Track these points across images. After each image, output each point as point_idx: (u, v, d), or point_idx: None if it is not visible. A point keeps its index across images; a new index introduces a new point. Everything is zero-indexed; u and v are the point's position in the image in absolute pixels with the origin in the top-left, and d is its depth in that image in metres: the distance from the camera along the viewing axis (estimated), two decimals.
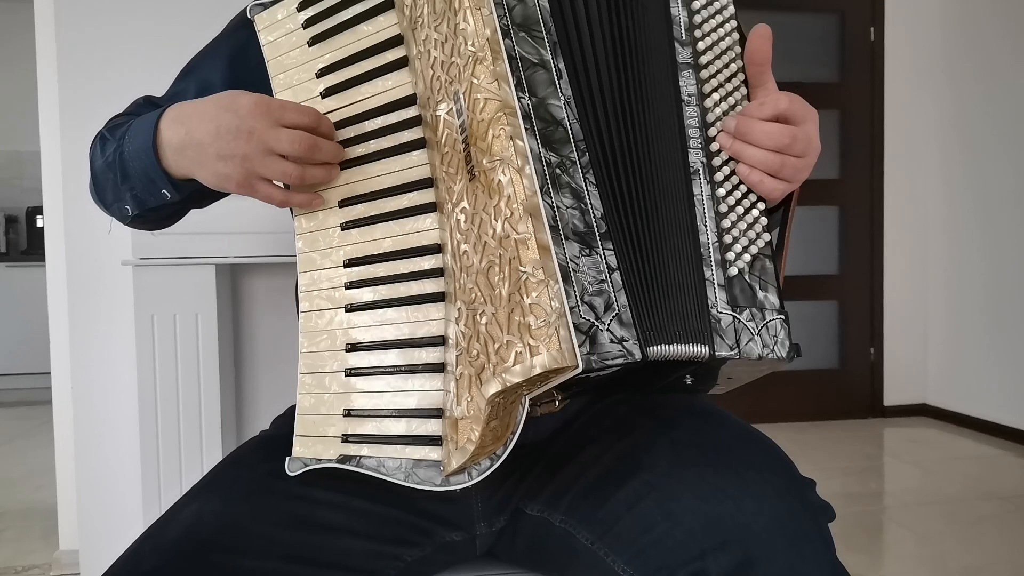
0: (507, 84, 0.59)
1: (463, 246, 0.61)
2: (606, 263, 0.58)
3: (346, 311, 0.67)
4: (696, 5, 0.69)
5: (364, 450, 0.64)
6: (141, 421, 1.54)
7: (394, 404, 0.64)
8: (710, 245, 0.65)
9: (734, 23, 0.69)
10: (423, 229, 0.65)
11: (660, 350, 0.59)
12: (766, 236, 0.67)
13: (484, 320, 0.57)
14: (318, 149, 0.65)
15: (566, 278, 0.55)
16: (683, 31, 0.68)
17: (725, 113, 0.68)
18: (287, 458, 0.67)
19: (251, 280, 1.72)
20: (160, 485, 1.55)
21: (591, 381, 0.62)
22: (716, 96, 0.67)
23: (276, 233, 1.50)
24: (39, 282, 2.23)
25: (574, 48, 0.63)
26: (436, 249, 0.64)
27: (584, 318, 0.55)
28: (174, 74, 0.90)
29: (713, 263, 0.64)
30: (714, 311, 0.63)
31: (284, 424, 0.82)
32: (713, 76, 0.68)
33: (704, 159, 0.66)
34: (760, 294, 0.65)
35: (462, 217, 0.61)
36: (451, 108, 0.62)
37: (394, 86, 0.68)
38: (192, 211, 0.86)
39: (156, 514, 1.44)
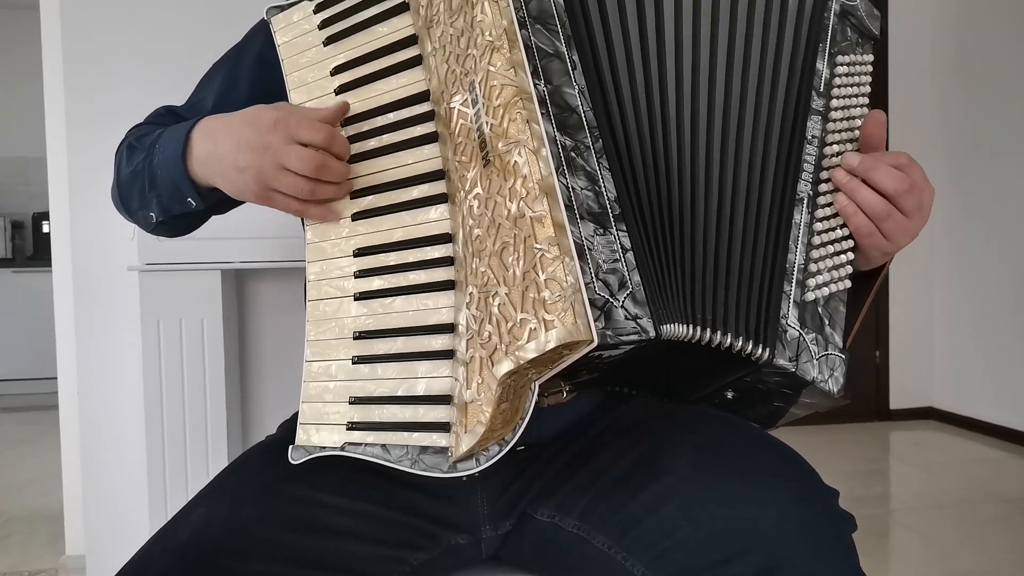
0: (523, 71, 0.61)
1: (476, 231, 0.61)
2: (620, 243, 0.59)
3: (354, 299, 0.67)
4: (840, 70, 0.74)
5: (370, 437, 0.64)
6: (147, 426, 1.55)
7: (401, 391, 0.64)
8: (796, 265, 0.69)
9: (865, 100, 0.75)
10: (433, 219, 0.66)
11: (674, 329, 0.61)
12: (847, 283, 0.72)
13: (497, 301, 0.58)
14: (326, 169, 0.66)
15: (581, 256, 0.56)
16: (822, 84, 0.73)
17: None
18: (290, 446, 0.67)
19: (256, 285, 1.73)
20: (166, 490, 1.55)
21: (601, 364, 0.62)
22: (836, 147, 0.72)
23: (282, 238, 1.51)
24: (45, 288, 2.24)
25: (587, 43, 0.65)
26: (446, 239, 0.65)
27: (599, 294, 0.56)
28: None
29: (795, 281, 0.68)
30: (783, 322, 0.67)
31: (291, 428, 0.82)
32: (838, 131, 0.73)
33: (811, 192, 0.71)
34: (828, 329, 0.70)
35: (475, 203, 0.62)
36: (466, 99, 0.64)
37: (408, 83, 0.70)
38: None
39: (162, 519, 1.44)
